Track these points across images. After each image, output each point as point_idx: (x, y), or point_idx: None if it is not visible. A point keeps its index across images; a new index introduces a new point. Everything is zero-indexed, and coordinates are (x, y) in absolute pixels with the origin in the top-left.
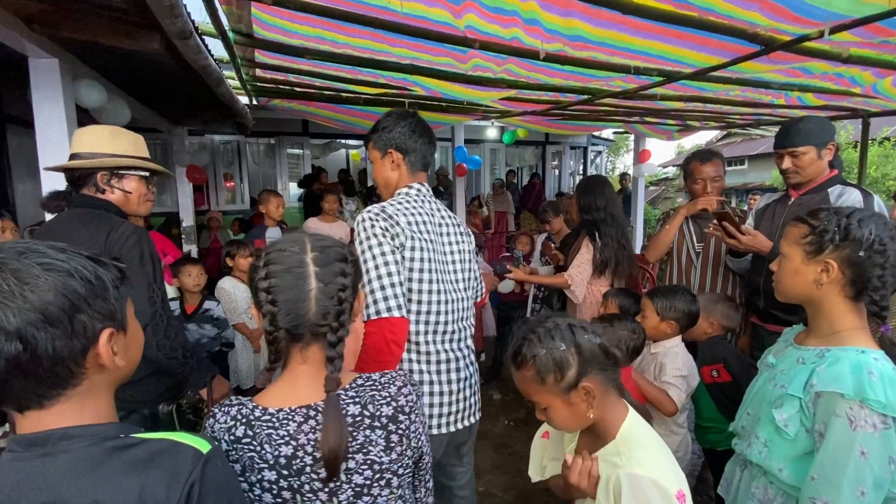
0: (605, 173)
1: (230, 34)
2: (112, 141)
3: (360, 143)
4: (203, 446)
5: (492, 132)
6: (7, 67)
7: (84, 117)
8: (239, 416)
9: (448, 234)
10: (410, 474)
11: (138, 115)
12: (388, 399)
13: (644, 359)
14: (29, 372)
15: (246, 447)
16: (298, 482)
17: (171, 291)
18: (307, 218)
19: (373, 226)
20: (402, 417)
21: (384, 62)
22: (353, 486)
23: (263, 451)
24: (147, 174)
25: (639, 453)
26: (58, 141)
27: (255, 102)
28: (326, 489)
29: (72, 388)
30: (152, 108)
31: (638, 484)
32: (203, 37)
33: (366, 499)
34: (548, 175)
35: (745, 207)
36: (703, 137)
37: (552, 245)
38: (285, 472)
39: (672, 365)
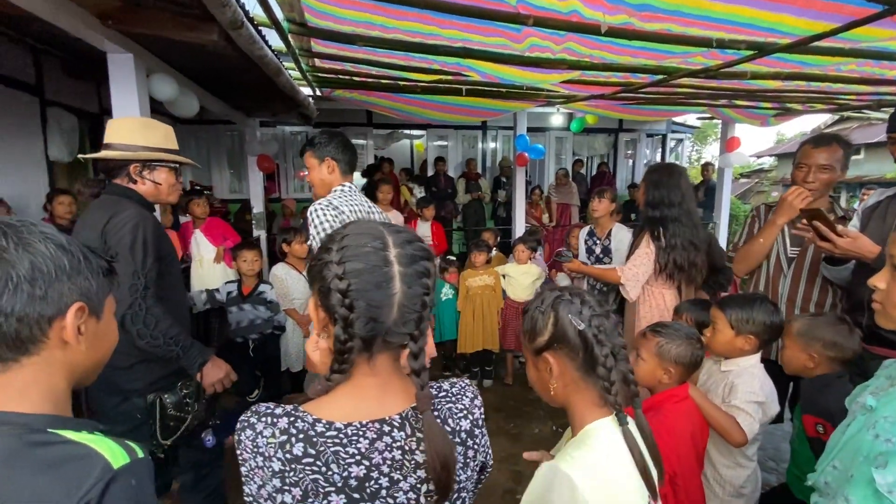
0: (686, 164)
1: (284, 24)
2: (145, 133)
3: (423, 133)
4: (118, 459)
5: (557, 119)
6: (104, 64)
7: (160, 107)
8: (294, 431)
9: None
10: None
11: (212, 107)
12: (465, 412)
13: (711, 377)
14: None
15: (308, 468)
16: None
17: (230, 274)
18: None
19: (324, 213)
20: (477, 432)
21: (436, 46)
22: None
23: (330, 473)
24: (176, 166)
25: (578, 452)
26: None
27: (318, 93)
28: None
29: (27, 356)
30: (225, 101)
31: (552, 475)
32: (259, 28)
33: None
34: (620, 165)
35: (857, 204)
36: (807, 123)
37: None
38: (356, 496)
39: (746, 388)
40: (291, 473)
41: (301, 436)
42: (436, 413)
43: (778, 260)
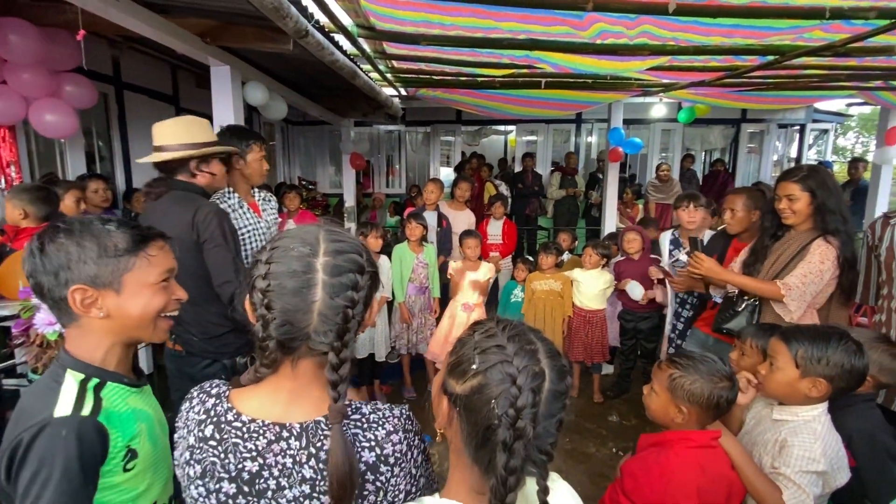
0: (830, 157)
1: (354, 29)
2: (190, 131)
3: (513, 128)
4: (62, 410)
5: (661, 110)
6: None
7: (250, 113)
8: (212, 414)
9: None
10: None
11: (309, 110)
12: (373, 444)
13: (760, 424)
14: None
15: (210, 450)
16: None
17: None
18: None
19: None
20: (383, 468)
21: (500, 40)
22: None
23: (227, 461)
24: (225, 156)
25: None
26: None
27: (404, 93)
28: None
29: (72, 322)
30: (319, 104)
31: None
32: (332, 34)
33: None
34: (742, 161)
35: None
36: None
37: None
38: (246, 489)
39: (803, 451)
40: (198, 451)
41: (214, 419)
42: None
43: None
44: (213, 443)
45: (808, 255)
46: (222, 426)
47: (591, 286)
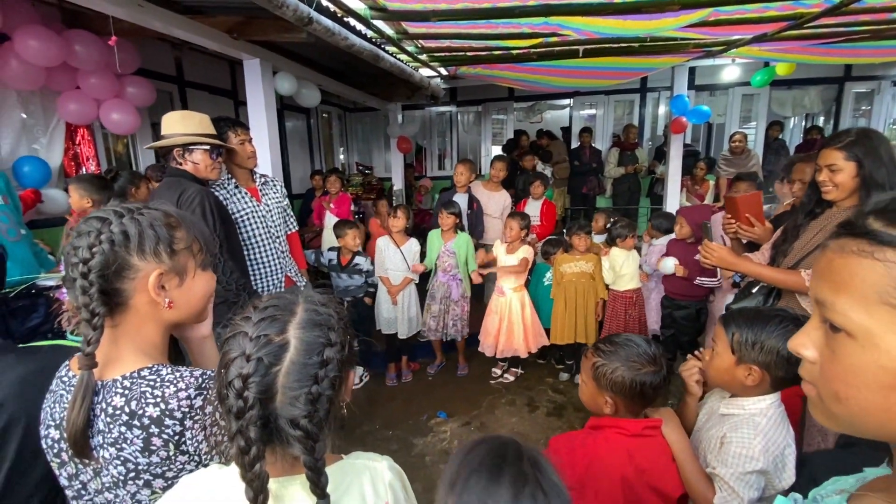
0: None
1: (367, 12)
2: (182, 122)
3: (569, 101)
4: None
5: (734, 72)
6: None
7: (287, 101)
8: (60, 373)
9: None
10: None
11: (350, 95)
12: (159, 399)
13: (710, 419)
14: None
15: (48, 402)
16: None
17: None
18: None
19: None
20: (169, 422)
21: (510, 8)
22: (110, 474)
23: (54, 410)
24: (208, 147)
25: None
26: (262, 123)
27: (444, 73)
28: (91, 465)
29: None
30: (361, 90)
31: None
32: (347, 19)
33: (121, 492)
34: (845, 127)
35: None
36: None
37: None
38: (62, 436)
39: (740, 448)
40: (45, 402)
41: (58, 376)
42: (127, 391)
43: None
44: (49, 395)
45: None
46: (57, 381)
47: (618, 267)
